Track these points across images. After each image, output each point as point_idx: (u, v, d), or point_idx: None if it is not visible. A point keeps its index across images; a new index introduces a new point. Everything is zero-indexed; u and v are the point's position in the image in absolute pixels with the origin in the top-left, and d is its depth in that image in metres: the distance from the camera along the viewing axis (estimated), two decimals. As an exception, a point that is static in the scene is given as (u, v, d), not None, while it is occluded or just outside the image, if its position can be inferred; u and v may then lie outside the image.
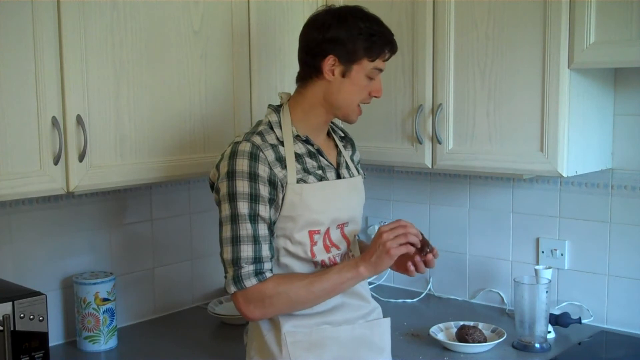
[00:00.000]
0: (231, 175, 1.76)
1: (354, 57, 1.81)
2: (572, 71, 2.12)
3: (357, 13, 1.85)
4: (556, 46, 2.11)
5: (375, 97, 1.89)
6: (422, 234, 1.80)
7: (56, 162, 1.90)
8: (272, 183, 1.77)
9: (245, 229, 1.74)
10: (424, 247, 1.79)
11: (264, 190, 1.76)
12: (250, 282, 1.73)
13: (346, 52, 1.81)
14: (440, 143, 2.37)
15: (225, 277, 1.77)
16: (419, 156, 2.43)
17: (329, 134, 1.99)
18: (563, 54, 2.10)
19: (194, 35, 2.21)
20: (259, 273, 1.74)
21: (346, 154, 1.99)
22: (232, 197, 1.75)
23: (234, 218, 1.75)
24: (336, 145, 1.98)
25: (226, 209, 1.76)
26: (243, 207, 1.74)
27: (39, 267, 2.27)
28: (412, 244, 1.76)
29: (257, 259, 1.74)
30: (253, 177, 1.75)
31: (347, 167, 1.96)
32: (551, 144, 2.15)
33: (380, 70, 1.86)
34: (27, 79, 1.84)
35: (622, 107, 2.36)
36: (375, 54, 1.83)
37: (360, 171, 2.04)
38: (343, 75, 1.83)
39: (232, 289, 1.75)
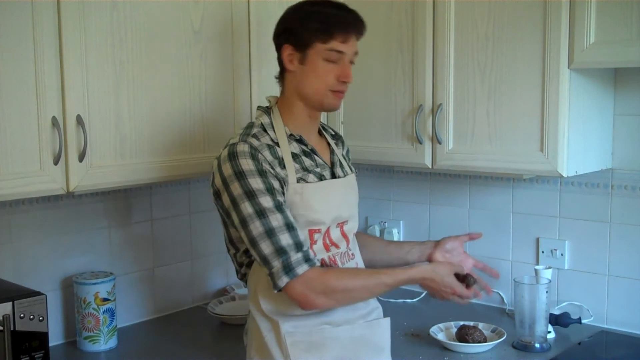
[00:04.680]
0: (240, 175, 1.75)
1: (306, 42, 1.81)
2: (572, 71, 2.12)
3: (315, 0, 1.86)
4: (556, 46, 2.10)
5: (345, 82, 1.86)
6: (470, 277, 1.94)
7: (56, 162, 1.90)
8: (278, 179, 1.78)
9: (276, 219, 1.72)
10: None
11: (276, 184, 1.76)
12: (302, 268, 1.71)
13: (298, 39, 1.82)
14: (440, 143, 2.37)
15: (271, 273, 1.72)
16: (419, 156, 2.43)
17: (320, 134, 1.99)
18: (563, 54, 2.10)
19: (194, 35, 2.21)
20: (307, 259, 1.72)
21: (338, 152, 2.00)
22: (251, 195, 1.73)
23: (261, 212, 1.72)
24: (328, 144, 1.98)
25: (247, 207, 1.73)
26: (265, 201, 1.73)
27: (39, 267, 2.27)
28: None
29: (299, 245, 1.73)
30: (262, 173, 1.75)
31: (341, 166, 1.97)
32: (551, 144, 2.14)
33: (339, 52, 1.82)
34: (27, 79, 1.84)
35: (622, 107, 2.36)
36: (326, 35, 1.81)
37: (352, 168, 2.04)
38: (301, 62, 1.83)
39: (285, 279, 1.70)
